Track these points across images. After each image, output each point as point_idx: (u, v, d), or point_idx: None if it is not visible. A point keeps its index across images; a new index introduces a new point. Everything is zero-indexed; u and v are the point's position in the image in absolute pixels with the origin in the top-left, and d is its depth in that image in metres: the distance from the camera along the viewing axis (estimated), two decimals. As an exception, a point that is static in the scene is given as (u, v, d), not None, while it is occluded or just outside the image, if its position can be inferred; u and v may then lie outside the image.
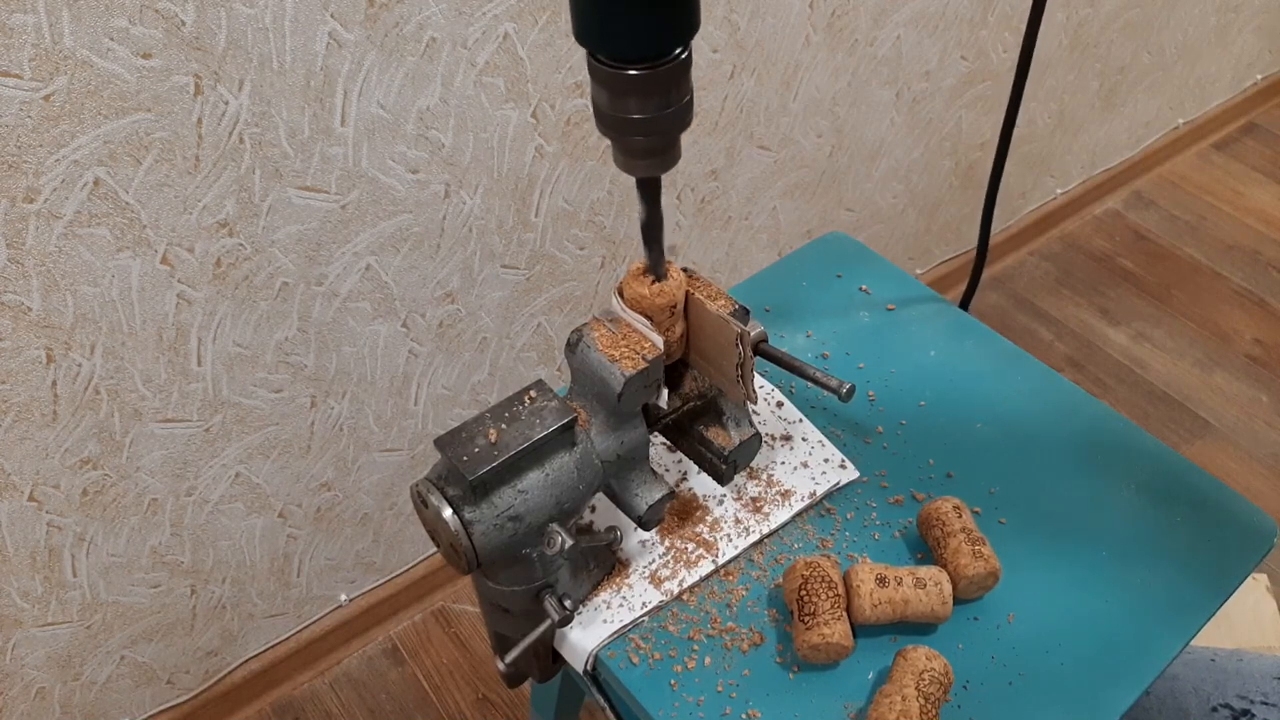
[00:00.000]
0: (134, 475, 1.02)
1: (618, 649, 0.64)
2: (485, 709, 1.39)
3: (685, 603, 0.67)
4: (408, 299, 1.10)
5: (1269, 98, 2.45)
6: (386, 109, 0.93)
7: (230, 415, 1.05)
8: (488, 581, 0.61)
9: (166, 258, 0.89)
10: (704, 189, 1.32)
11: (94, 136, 0.79)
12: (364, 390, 1.15)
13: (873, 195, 1.60)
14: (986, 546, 0.65)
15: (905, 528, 0.70)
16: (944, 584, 0.63)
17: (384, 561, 1.39)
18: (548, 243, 1.19)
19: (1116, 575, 0.69)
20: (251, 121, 0.86)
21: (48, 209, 0.80)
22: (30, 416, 0.91)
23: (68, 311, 0.87)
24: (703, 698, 0.62)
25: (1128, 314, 1.95)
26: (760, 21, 1.18)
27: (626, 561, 0.69)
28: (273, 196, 0.92)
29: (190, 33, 0.78)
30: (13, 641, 1.05)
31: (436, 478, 0.55)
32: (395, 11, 0.88)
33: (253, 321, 1.00)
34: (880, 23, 1.33)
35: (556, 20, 0.99)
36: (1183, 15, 1.90)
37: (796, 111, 1.34)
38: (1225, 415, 1.77)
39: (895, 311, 0.88)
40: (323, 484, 1.21)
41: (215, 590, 1.20)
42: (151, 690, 1.24)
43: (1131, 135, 2.12)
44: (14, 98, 0.73)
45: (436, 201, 1.04)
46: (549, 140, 1.08)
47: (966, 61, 1.52)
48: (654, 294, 0.60)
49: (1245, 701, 0.72)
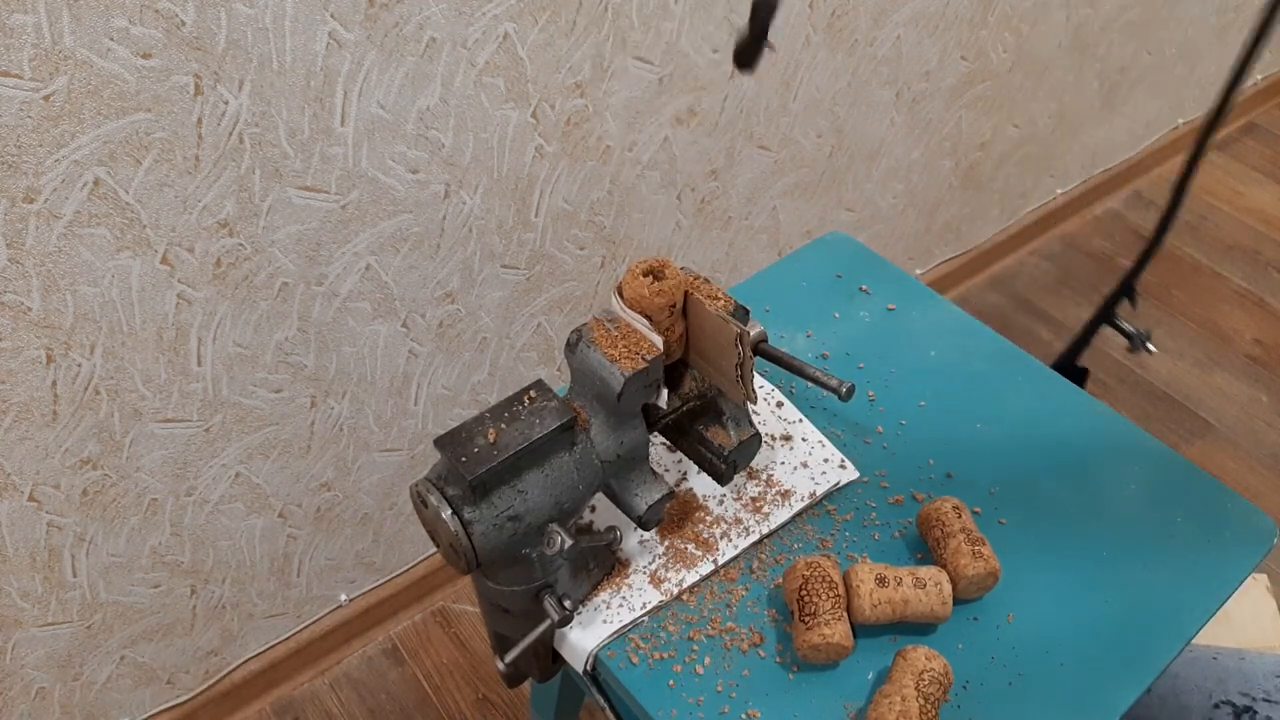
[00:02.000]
0: (134, 475, 1.02)
1: (617, 649, 0.64)
2: (485, 709, 1.39)
3: (685, 603, 0.67)
4: (408, 299, 1.10)
5: (1269, 98, 2.45)
6: (386, 109, 0.93)
7: (230, 415, 1.05)
8: (488, 581, 0.61)
9: (166, 258, 0.89)
10: (704, 189, 1.32)
11: (94, 136, 0.79)
12: (364, 390, 1.15)
13: (873, 195, 1.60)
14: (986, 546, 0.65)
15: (905, 528, 0.70)
16: (944, 584, 0.63)
17: (384, 561, 1.39)
18: (548, 243, 1.19)
19: (1116, 575, 0.69)
20: (251, 121, 0.86)
21: (48, 209, 0.80)
22: (30, 416, 0.91)
23: (68, 311, 0.87)
24: (702, 698, 0.62)
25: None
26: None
27: (626, 561, 0.69)
28: (273, 196, 0.92)
29: (190, 33, 0.78)
30: (13, 641, 1.05)
31: (436, 478, 0.55)
32: (395, 11, 0.88)
33: (253, 321, 1.00)
34: (880, 23, 1.33)
35: (556, 20, 0.99)
36: (1183, 15, 1.90)
37: (796, 111, 1.34)
38: (1225, 415, 1.77)
39: (895, 311, 0.88)
40: (323, 484, 1.21)
41: (215, 590, 1.20)
42: (151, 690, 1.24)
43: (1131, 135, 2.12)
44: (14, 98, 0.73)
45: (436, 201, 1.04)
46: (549, 140, 1.08)
47: (966, 61, 1.52)
48: (653, 294, 0.60)
49: (1247, 699, 0.72)
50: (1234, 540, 0.71)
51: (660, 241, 1.32)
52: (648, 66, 1.11)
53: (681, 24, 1.10)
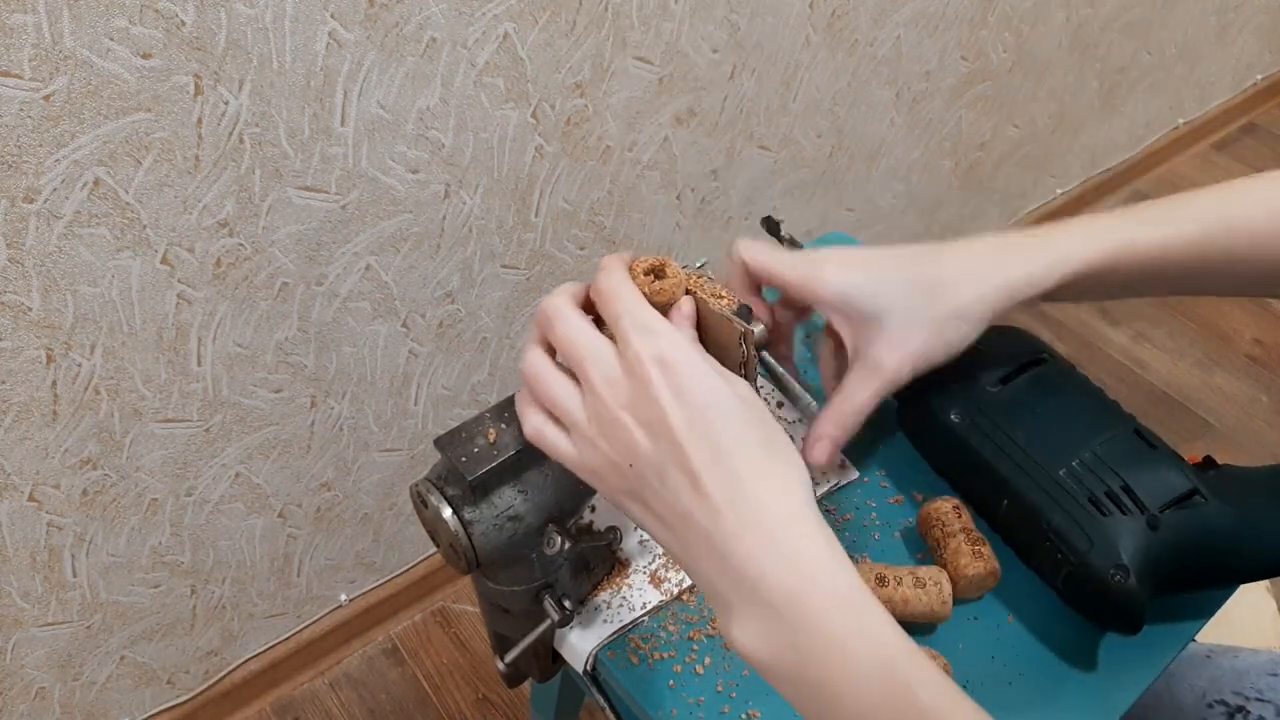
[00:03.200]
0: (134, 475, 1.02)
1: (618, 649, 0.64)
2: (485, 709, 1.39)
3: (685, 603, 0.67)
4: (408, 299, 1.10)
5: (1269, 98, 2.45)
6: (386, 109, 0.93)
7: (230, 415, 1.05)
8: (487, 581, 0.61)
9: (166, 258, 0.89)
10: (704, 189, 1.32)
11: (94, 136, 0.79)
12: (364, 390, 1.16)
13: (873, 195, 1.60)
14: (986, 547, 0.65)
15: (905, 528, 0.70)
16: (944, 584, 0.63)
17: (384, 561, 1.39)
18: (548, 243, 1.19)
19: (1116, 575, 0.69)
20: (251, 121, 0.86)
21: (48, 209, 0.80)
22: (30, 416, 0.91)
23: (68, 311, 0.87)
24: (702, 698, 0.62)
25: (1128, 314, 1.95)
26: (760, 21, 1.18)
27: (626, 561, 0.69)
28: (273, 196, 0.92)
29: (190, 33, 0.78)
30: (13, 641, 1.05)
31: (436, 478, 0.55)
32: (395, 11, 0.88)
33: (253, 321, 1.00)
34: (880, 23, 1.33)
35: (556, 20, 0.99)
36: (1183, 15, 1.90)
37: (796, 111, 1.34)
38: (1225, 415, 1.77)
39: (895, 311, 0.88)
40: (323, 484, 1.21)
41: (215, 590, 1.20)
42: (151, 690, 1.24)
43: (1131, 135, 2.12)
44: (14, 98, 0.73)
45: (436, 201, 1.04)
46: (549, 140, 1.08)
47: (966, 61, 1.53)
48: (654, 293, 0.60)
49: (1240, 697, 0.72)
50: (1234, 540, 0.71)
51: (660, 241, 1.32)
52: (648, 66, 1.11)
53: (681, 24, 1.10)
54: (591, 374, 0.47)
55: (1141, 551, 0.59)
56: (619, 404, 0.46)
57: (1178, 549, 0.60)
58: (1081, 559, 0.60)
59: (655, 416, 0.45)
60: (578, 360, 0.48)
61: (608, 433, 0.47)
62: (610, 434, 0.47)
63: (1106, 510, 0.61)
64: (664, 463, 0.45)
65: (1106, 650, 0.64)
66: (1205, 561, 0.61)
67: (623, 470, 0.47)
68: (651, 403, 0.45)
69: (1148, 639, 0.63)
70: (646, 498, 0.47)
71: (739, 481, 0.45)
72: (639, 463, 0.46)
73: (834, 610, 0.43)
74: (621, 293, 0.50)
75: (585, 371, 0.48)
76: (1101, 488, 0.62)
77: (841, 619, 0.43)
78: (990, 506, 0.67)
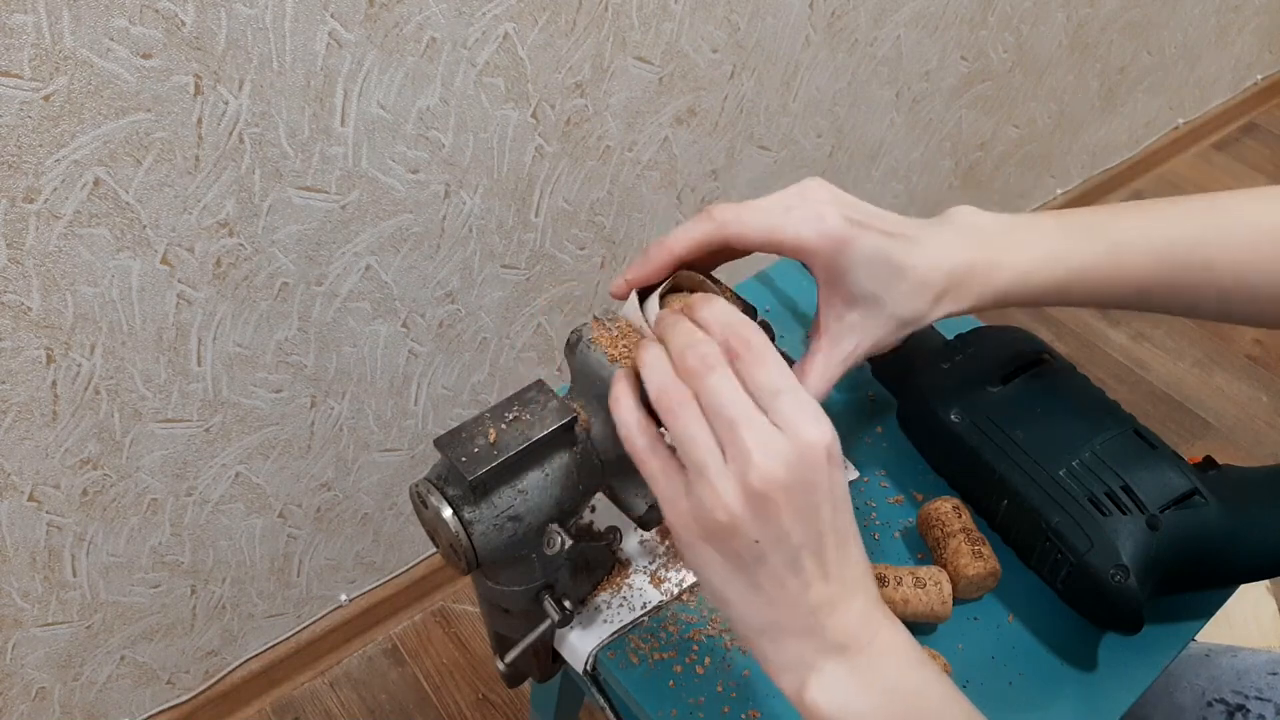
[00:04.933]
0: (134, 475, 1.02)
1: (618, 649, 0.64)
2: (485, 709, 1.39)
3: (685, 603, 0.67)
4: (408, 299, 1.10)
5: (1269, 98, 2.45)
6: (386, 109, 0.93)
7: (230, 415, 1.05)
8: (487, 582, 0.61)
9: (166, 258, 0.89)
10: (704, 189, 1.32)
11: (94, 136, 0.79)
12: (364, 390, 1.16)
13: (873, 195, 1.60)
14: (986, 547, 0.65)
15: (905, 528, 0.70)
16: (944, 584, 0.63)
17: (384, 561, 1.39)
18: (548, 243, 1.19)
19: (1116, 575, 0.69)
20: (251, 121, 0.86)
21: (48, 209, 0.80)
22: (30, 416, 0.91)
23: (68, 311, 0.87)
24: (703, 698, 0.62)
25: (1128, 314, 1.95)
26: (760, 21, 1.18)
27: (626, 561, 0.69)
28: (273, 196, 0.92)
29: (190, 33, 0.78)
30: (13, 641, 1.05)
31: (436, 478, 0.55)
32: (395, 11, 0.88)
33: (253, 321, 1.00)
34: (880, 23, 1.33)
35: (556, 20, 0.99)
36: (1183, 15, 1.90)
37: (796, 111, 1.34)
38: (1225, 415, 1.77)
39: (895, 311, 0.88)
40: (323, 484, 1.21)
41: (215, 590, 1.20)
42: (151, 690, 1.24)
43: (1131, 135, 2.12)
44: (14, 98, 0.73)
45: (436, 201, 1.04)
46: (549, 140, 1.08)
47: (966, 62, 1.53)
48: (685, 309, 0.60)
49: (1240, 696, 0.72)
50: (1234, 540, 0.71)
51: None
52: (648, 66, 1.11)
53: (681, 24, 1.10)
54: (748, 442, 0.44)
55: (1141, 551, 0.59)
56: (777, 483, 0.43)
57: (1178, 549, 0.60)
58: (1081, 559, 0.60)
59: (810, 505, 0.44)
60: (735, 423, 0.44)
61: (755, 506, 0.44)
62: (757, 508, 0.44)
63: (1106, 510, 0.61)
64: (800, 549, 0.45)
65: (1106, 650, 0.64)
66: (1205, 561, 0.61)
67: (743, 540, 0.45)
68: (811, 489, 0.44)
69: (1147, 639, 0.63)
70: (754, 569, 0.45)
71: (850, 564, 0.47)
72: (768, 541, 0.44)
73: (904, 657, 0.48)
74: (768, 358, 0.46)
75: (741, 440, 0.44)
76: (1101, 488, 0.62)
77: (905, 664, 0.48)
78: (990, 506, 0.67)
